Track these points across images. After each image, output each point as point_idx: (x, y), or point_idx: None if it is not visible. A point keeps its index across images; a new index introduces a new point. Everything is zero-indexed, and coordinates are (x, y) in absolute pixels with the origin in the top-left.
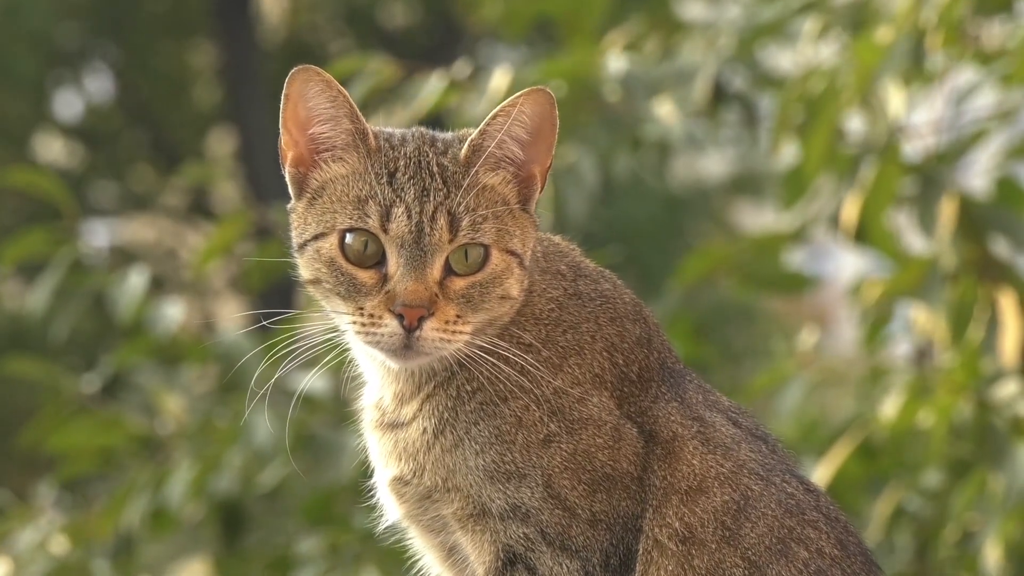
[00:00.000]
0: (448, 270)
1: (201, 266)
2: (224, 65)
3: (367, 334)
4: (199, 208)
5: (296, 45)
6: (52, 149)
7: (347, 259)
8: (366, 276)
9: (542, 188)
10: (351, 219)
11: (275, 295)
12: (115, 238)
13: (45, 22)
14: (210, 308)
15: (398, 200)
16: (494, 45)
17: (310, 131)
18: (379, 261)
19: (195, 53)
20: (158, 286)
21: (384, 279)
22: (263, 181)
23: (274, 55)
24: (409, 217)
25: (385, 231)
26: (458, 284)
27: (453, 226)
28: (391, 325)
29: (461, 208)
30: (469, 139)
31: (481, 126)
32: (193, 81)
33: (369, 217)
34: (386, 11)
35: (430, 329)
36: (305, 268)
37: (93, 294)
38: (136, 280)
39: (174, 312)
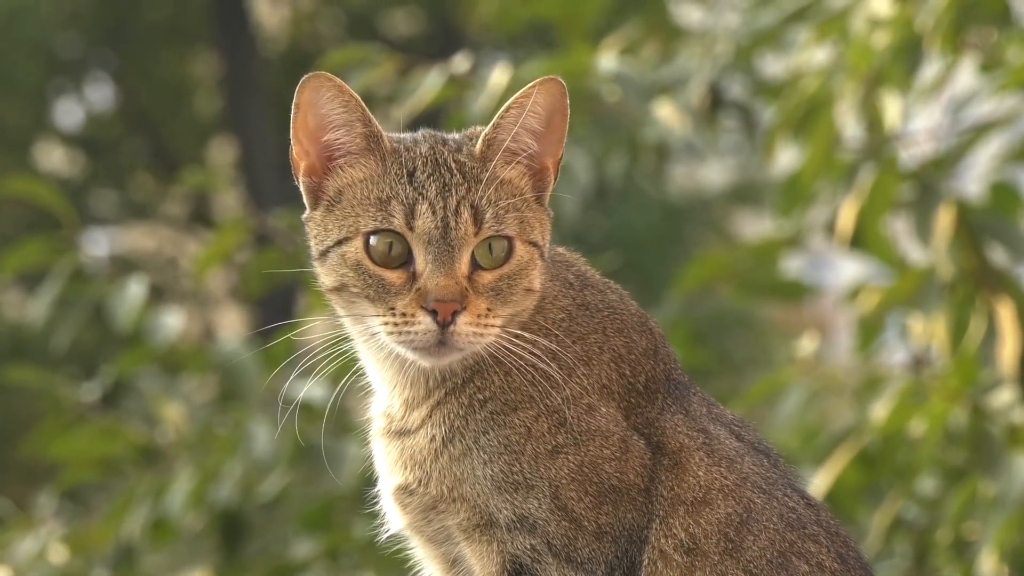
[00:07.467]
0: (474, 265)
1: (200, 273)
2: (224, 74)
3: (400, 334)
4: (199, 217)
5: (297, 54)
6: (52, 157)
7: (373, 261)
8: (394, 276)
9: (555, 179)
10: (375, 221)
11: (274, 303)
12: (115, 246)
13: (46, 31)
14: (210, 317)
15: (420, 198)
16: (495, 54)
17: (324, 138)
18: (406, 261)
19: (195, 62)
20: (158, 295)
21: (412, 277)
22: (263, 189)
23: (274, 64)
24: (434, 213)
25: (411, 228)
26: (486, 278)
27: (477, 219)
28: (425, 322)
29: (483, 201)
30: (483, 133)
31: (494, 119)
32: (193, 90)
33: (394, 217)
34: (387, 20)
35: (464, 323)
36: (328, 275)
37: (93, 304)
38: (135, 289)
39: (173, 321)
